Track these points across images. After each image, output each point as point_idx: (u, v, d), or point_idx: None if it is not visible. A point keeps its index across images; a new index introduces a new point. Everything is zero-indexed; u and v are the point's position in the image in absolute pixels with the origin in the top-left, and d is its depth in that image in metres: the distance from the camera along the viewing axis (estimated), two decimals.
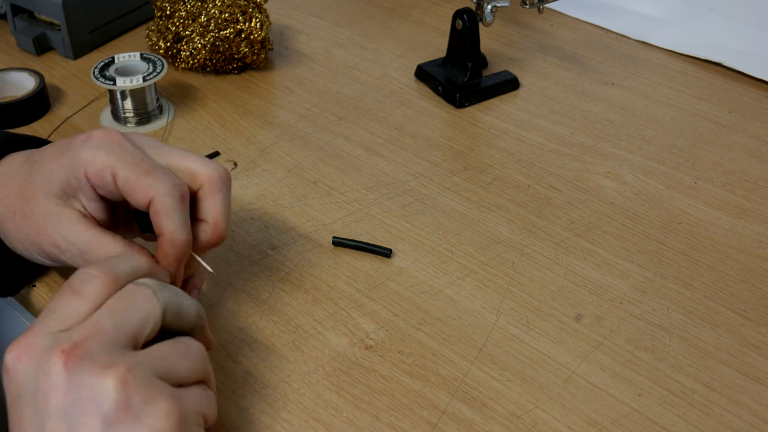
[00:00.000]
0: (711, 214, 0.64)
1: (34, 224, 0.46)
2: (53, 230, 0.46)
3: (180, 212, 0.45)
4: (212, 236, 0.47)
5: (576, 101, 0.78)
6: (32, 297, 0.55)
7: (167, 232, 0.44)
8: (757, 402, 0.49)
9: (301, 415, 0.47)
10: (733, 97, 0.80)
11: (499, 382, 0.50)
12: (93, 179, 0.45)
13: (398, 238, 0.61)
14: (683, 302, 0.56)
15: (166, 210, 0.44)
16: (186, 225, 0.45)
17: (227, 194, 0.47)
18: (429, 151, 0.70)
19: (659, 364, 0.51)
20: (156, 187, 0.44)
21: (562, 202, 0.65)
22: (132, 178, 0.44)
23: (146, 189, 0.44)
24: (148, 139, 0.47)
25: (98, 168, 0.44)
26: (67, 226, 0.46)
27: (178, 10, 0.77)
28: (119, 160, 0.44)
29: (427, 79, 0.80)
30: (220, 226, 0.47)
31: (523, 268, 0.58)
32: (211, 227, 0.47)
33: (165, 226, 0.44)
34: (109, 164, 0.44)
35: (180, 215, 0.45)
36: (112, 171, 0.44)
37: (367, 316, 0.54)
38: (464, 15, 0.76)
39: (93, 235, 0.45)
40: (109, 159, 0.44)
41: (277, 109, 0.76)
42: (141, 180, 0.44)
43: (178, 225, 0.44)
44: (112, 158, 0.44)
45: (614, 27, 0.92)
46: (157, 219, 0.44)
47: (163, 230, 0.44)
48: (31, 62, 0.82)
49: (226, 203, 0.47)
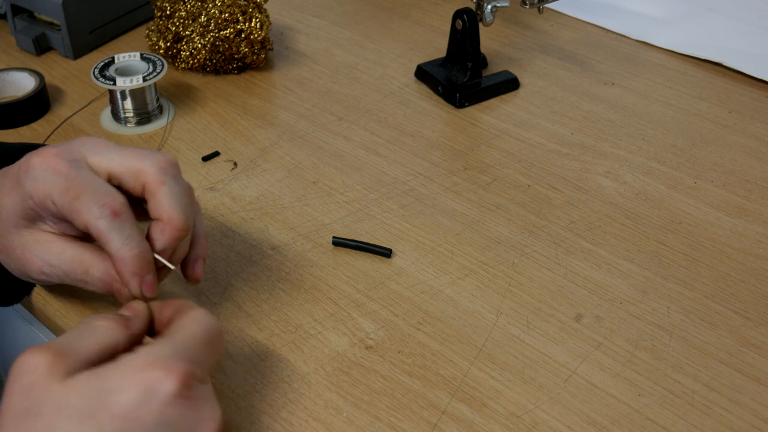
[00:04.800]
0: (711, 214, 0.64)
1: (17, 256, 0.46)
2: (34, 258, 0.46)
3: (117, 230, 0.43)
4: (171, 233, 0.45)
5: (576, 101, 0.78)
6: (32, 297, 0.55)
7: (113, 254, 0.43)
8: (757, 402, 0.49)
9: (301, 415, 0.47)
10: (733, 97, 0.80)
11: (499, 382, 0.50)
12: (41, 210, 0.44)
13: (398, 238, 0.61)
14: (683, 302, 0.56)
15: (103, 234, 0.43)
16: (130, 239, 0.43)
17: (174, 184, 0.45)
18: (429, 151, 0.70)
19: (659, 364, 0.51)
20: (85, 212, 0.43)
21: (562, 202, 0.65)
22: (65, 206, 0.43)
23: (79, 216, 0.43)
24: (94, 144, 0.46)
25: (39, 199, 0.44)
26: (45, 250, 0.45)
27: (178, 10, 0.77)
28: (54, 189, 0.43)
29: (427, 79, 0.80)
30: (174, 220, 0.44)
31: (523, 268, 0.58)
32: (166, 224, 0.45)
33: (109, 249, 0.43)
34: (46, 194, 0.43)
35: (118, 233, 0.43)
36: (51, 200, 0.44)
37: (367, 316, 0.54)
38: (464, 15, 0.76)
39: (72, 253, 0.45)
40: (45, 188, 0.43)
41: (277, 109, 0.76)
42: (72, 207, 0.43)
43: (120, 244, 0.43)
44: (47, 188, 0.43)
45: (614, 27, 0.92)
46: (100, 243, 0.44)
47: (110, 253, 0.43)
48: (31, 62, 0.82)
49: (173, 194, 0.45)
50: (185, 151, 0.70)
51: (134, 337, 0.41)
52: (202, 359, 0.40)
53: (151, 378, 0.36)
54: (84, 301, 0.54)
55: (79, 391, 0.36)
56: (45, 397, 0.36)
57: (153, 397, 0.36)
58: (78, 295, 0.55)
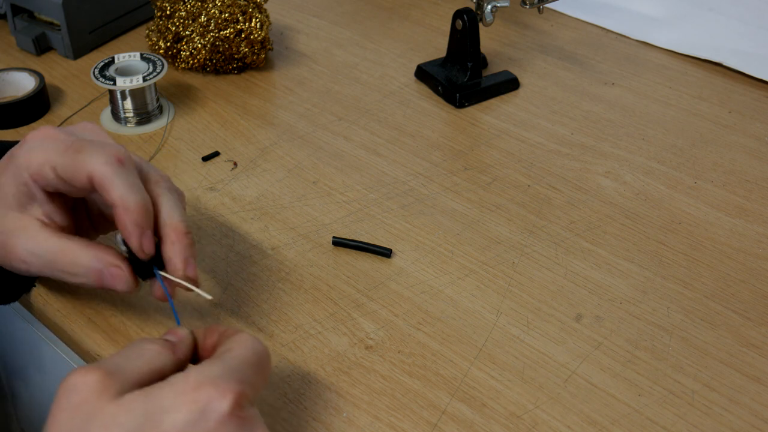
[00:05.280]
0: (711, 214, 0.64)
1: (2, 244, 0.46)
2: (17, 246, 0.45)
3: (122, 176, 0.42)
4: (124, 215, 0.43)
5: (576, 101, 0.78)
6: (32, 297, 0.55)
7: (117, 201, 0.42)
8: (757, 402, 0.49)
9: (301, 415, 0.47)
10: (733, 97, 0.80)
11: (499, 382, 0.50)
12: (37, 180, 0.44)
13: (398, 238, 0.61)
14: (683, 302, 0.56)
15: (107, 179, 0.42)
16: (134, 186, 0.43)
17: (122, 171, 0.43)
18: (429, 151, 0.70)
19: (659, 364, 0.51)
20: (90, 161, 0.42)
21: (562, 202, 0.65)
22: (67, 162, 0.43)
23: (82, 167, 0.42)
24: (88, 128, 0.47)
25: (36, 167, 0.44)
26: (29, 238, 0.45)
27: (178, 10, 0.77)
28: (53, 152, 0.43)
29: (427, 79, 0.80)
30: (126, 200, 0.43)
31: (523, 268, 0.58)
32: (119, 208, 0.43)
33: (113, 196, 0.42)
34: (45, 159, 0.43)
35: (123, 179, 0.42)
36: (50, 165, 0.43)
37: (367, 316, 0.54)
38: (464, 15, 0.76)
39: (56, 242, 0.45)
40: (44, 154, 0.43)
41: (277, 109, 0.76)
42: (75, 160, 0.43)
43: (125, 190, 0.42)
44: (46, 153, 0.43)
45: (614, 27, 0.92)
46: (103, 193, 0.43)
47: (113, 200, 0.42)
48: (31, 62, 0.82)
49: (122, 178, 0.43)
50: (185, 151, 0.70)
51: (180, 362, 0.40)
52: (252, 381, 0.39)
53: (204, 397, 0.36)
54: (84, 301, 0.54)
55: (130, 410, 0.35)
56: (95, 416, 0.35)
57: (206, 417, 0.35)
58: (78, 296, 0.55)
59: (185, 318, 0.53)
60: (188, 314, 0.53)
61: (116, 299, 0.54)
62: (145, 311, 0.54)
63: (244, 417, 0.37)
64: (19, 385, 0.71)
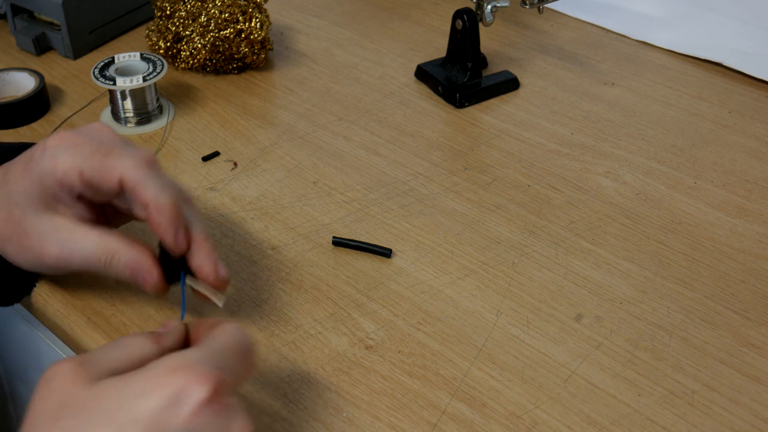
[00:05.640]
0: (711, 214, 0.64)
1: (32, 245, 0.46)
2: (53, 245, 0.46)
3: (153, 178, 0.44)
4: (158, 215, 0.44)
5: (576, 101, 0.78)
6: (32, 297, 0.55)
7: (150, 201, 0.43)
8: (757, 402, 0.49)
9: (301, 415, 0.47)
10: (733, 97, 0.80)
11: (499, 382, 0.50)
12: (63, 184, 0.45)
13: (398, 238, 0.61)
14: (683, 302, 0.56)
15: (139, 180, 0.43)
16: (165, 187, 0.44)
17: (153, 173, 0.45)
18: (429, 151, 0.70)
19: (659, 364, 0.51)
20: (120, 164, 0.43)
21: (562, 202, 0.65)
22: (96, 166, 0.44)
23: (112, 170, 0.43)
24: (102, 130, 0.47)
25: (62, 173, 0.44)
26: (66, 237, 0.45)
27: (178, 10, 0.77)
28: (79, 157, 0.44)
29: (427, 79, 0.80)
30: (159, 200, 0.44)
31: (523, 268, 0.58)
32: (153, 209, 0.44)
33: (146, 198, 0.43)
34: (71, 165, 0.44)
35: (154, 180, 0.44)
36: (77, 170, 0.44)
37: (367, 316, 0.54)
38: (464, 15, 0.76)
39: (97, 240, 0.45)
40: (71, 159, 0.44)
41: (277, 109, 0.76)
42: (104, 164, 0.43)
43: (157, 190, 0.43)
44: (73, 158, 0.44)
45: (614, 27, 0.92)
46: (134, 195, 0.44)
47: (146, 201, 0.44)
48: (31, 62, 0.82)
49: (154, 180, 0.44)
50: (185, 151, 0.70)
51: (164, 351, 0.40)
52: (233, 369, 0.38)
53: (179, 383, 0.35)
54: (84, 301, 0.54)
55: (103, 396, 0.35)
56: (68, 401, 0.35)
57: (180, 402, 0.35)
58: (78, 296, 0.55)
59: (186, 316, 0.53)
60: (187, 312, 0.53)
61: (116, 299, 0.54)
62: (145, 311, 0.54)
63: (222, 404, 0.36)
64: (19, 386, 0.71)
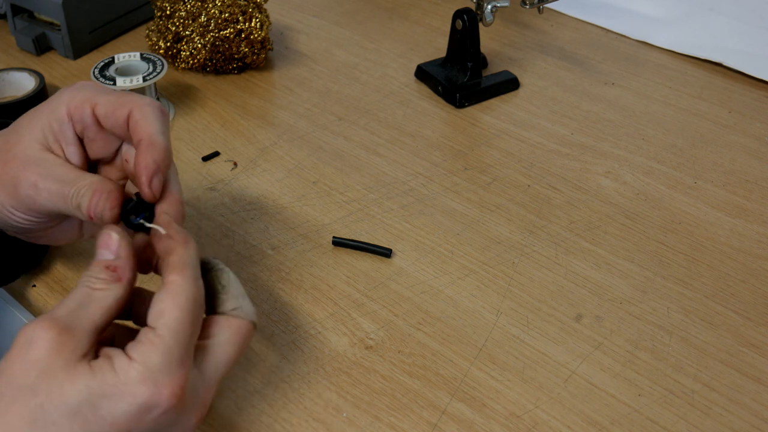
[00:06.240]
0: (711, 214, 0.64)
1: (13, 170, 0.46)
2: (33, 172, 0.45)
3: (160, 121, 0.45)
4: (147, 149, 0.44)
5: (576, 101, 0.78)
6: (32, 297, 0.55)
7: (147, 136, 0.44)
8: (757, 402, 0.49)
9: (301, 415, 0.47)
10: (733, 97, 0.80)
11: (499, 382, 0.50)
12: (74, 113, 0.45)
13: (398, 238, 0.61)
14: (683, 302, 0.56)
15: (146, 117, 0.44)
16: (165, 134, 0.45)
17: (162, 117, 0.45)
18: (429, 151, 0.70)
19: (659, 364, 0.51)
20: (134, 99, 0.45)
21: (562, 202, 0.65)
22: (111, 100, 0.45)
23: (125, 104, 0.44)
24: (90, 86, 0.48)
25: (79, 102, 0.45)
26: (48, 168, 0.46)
27: (178, 10, 0.77)
28: (98, 93, 0.46)
29: (427, 79, 0.80)
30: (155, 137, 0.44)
31: (523, 268, 0.58)
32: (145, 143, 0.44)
33: (145, 131, 0.44)
34: (88, 97, 0.45)
35: (160, 123, 0.45)
36: (91, 103, 0.45)
37: (367, 316, 0.54)
38: (464, 15, 0.76)
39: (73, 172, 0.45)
40: (89, 93, 0.46)
41: (277, 109, 0.76)
42: (120, 99, 0.45)
43: (158, 129, 0.44)
44: (92, 93, 0.46)
45: (614, 27, 0.92)
46: (137, 128, 0.44)
47: (142, 135, 0.44)
48: (31, 62, 0.82)
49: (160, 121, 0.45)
50: (185, 151, 0.70)
51: (130, 283, 0.41)
52: (191, 344, 0.39)
53: (146, 394, 0.37)
54: None
55: (77, 386, 0.37)
56: (46, 378, 0.37)
57: (148, 413, 0.37)
58: None
59: None
60: None
61: None
62: None
63: (183, 401, 0.38)
64: None
